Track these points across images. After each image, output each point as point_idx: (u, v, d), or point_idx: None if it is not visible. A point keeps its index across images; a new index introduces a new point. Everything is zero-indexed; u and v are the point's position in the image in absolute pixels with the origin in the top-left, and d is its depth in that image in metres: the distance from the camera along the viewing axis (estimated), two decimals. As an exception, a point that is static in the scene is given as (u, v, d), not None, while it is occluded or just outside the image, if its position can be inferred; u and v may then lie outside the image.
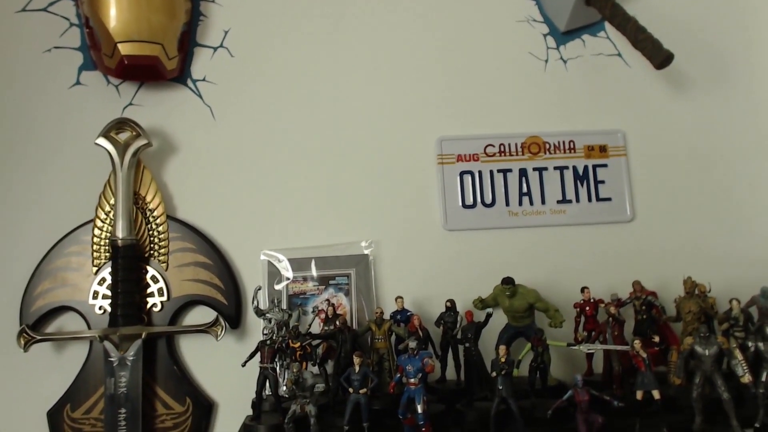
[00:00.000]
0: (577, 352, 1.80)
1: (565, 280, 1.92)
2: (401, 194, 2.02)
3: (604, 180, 2.01)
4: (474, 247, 2.00)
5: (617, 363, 1.63)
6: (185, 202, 1.99)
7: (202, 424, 1.83)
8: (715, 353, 1.44)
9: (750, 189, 2.07)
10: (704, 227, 2.03)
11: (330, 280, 1.94)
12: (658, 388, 1.42)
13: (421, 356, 1.43)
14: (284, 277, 1.93)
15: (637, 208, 2.02)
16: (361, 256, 1.95)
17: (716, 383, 1.43)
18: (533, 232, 2.00)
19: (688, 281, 1.70)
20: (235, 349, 1.87)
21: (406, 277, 1.97)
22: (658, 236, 2.01)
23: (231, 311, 1.88)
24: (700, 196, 2.05)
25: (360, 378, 1.43)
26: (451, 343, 1.77)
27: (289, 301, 1.91)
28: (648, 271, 1.89)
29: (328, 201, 2.01)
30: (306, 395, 1.41)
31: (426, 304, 1.93)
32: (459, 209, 2.00)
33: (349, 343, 1.63)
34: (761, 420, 1.45)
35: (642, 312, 1.75)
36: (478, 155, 2.02)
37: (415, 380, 1.41)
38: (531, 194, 2.00)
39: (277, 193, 2.01)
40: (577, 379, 1.43)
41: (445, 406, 1.64)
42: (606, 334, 1.66)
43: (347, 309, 1.91)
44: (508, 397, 1.43)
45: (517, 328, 1.80)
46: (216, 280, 1.90)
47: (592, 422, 1.40)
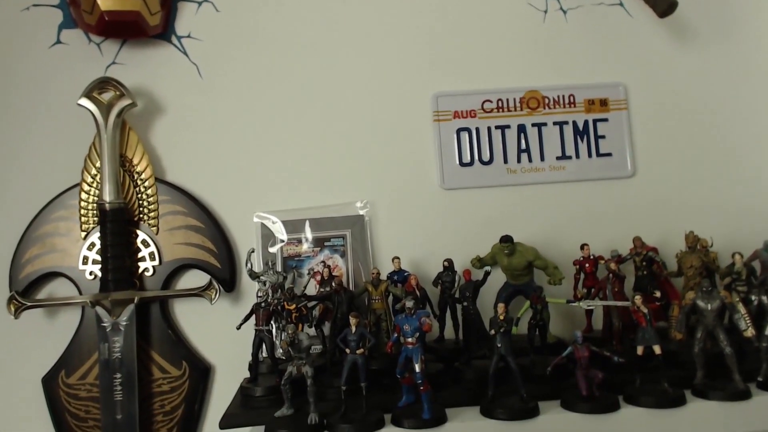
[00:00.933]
0: (577, 309, 1.79)
1: (564, 237, 1.89)
2: (397, 153, 1.96)
3: (604, 135, 1.95)
4: (472, 205, 1.95)
5: (617, 319, 1.61)
6: (174, 164, 1.94)
7: (199, 387, 1.82)
8: (717, 307, 1.42)
9: (754, 141, 2.03)
10: (707, 181, 1.99)
11: (325, 241, 1.90)
12: (659, 343, 1.40)
13: (419, 315, 1.40)
14: (278, 240, 1.89)
15: (638, 163, 1.97)
16: (357, 217, 1.91)
17: (718, 338, 1.41)
18: (532, 190, 1.96)
19: (690, 236, 1.67)
20: (230, 312, 1.84)
21: (403, 237, 1.93)
22: (659, 191, 1.97)
23: (225, 274, 1.84)
24: (702, 149, 2.00)
25: (356, 338, 1.41)
26: (449, 303, 1.75)
27: (284, 264, 1.88)
28: (649, 227, 1.86)
29: (322, 161, 1.95)
30: (302, 356, 1.39)
31: (423, 264, 1.90)
32: (456, 168, 1.95)
33: (346, 304, 1.60)
34: (764, 374, 1.44)
35: (642, 268, 1.72)
36: (475, 111, 1.96)
37: (413, 339, 1.38)
38: (530, 151, 1.95)
39: (270, 154, 1.95)
40: (577, 336, 1.41)
41: (444, 366, 1.63)
42: (606, 290, 1.64)
43: (343, 271, 1.88)
44: (507, 355, 1.41)
45: (515, 287, 1.78)
46: (208, 244, 1.86)
47: (592, 378, 1.38)
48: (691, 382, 1.43)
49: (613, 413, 1.36)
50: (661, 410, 1.36)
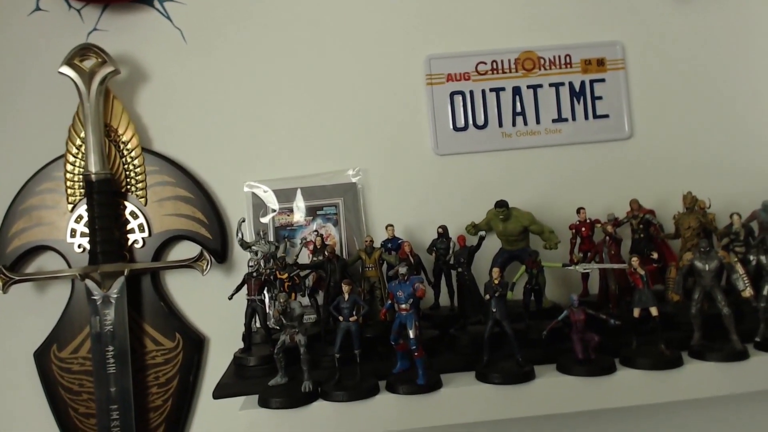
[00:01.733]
0: (573, 274, 1.77)
1: (561, 201, 1.86)
2: (389, 118, 1.92)
3: (601, 96, 1.90)
4: (466, 171, 1.91)
5: (613, 282, 1.59)
6: (161, 133, 1.89)
7: (193, 358, 1.81)
8: (715, 268, 1.40)
9: (753, 101, 1.98)
10: (705, 142, 1.95)
11: (317, 210, 1.86)
12: (656, 305, 1.38)
13: (412, 281, 1.38)
14: (270, 209, 1.86)
15: (636, 124, 1.93)
16: (349, 185, 1.87)
17: (716, 298, 1.39)
18: (528, 154, 1.92)
19: (688, 196, 1.64)
20: (222, 283, 1.82)
21: (397, 204, 1.90)
22: (657, 153, 1.93)
23: (216, 245, 1.82)
24: (700, 109, 1.96)
25: (349, 306, 1.39)
26: (444, 270, 1.73)
27: (276, 234, 1.85)
28: (647, 189, 1.83)
29: (313, 128, 1.91)
30: (294, 325, 1.37)
31: (418, 231, 1.87)
32: (450, 132, 1.91)
33: (339, 272, 1.57)
34: (762, 334, 1.43)
35: (639, 231, 1.70)
36: (469, 74, 1.91)
37: (406, 306, 1.36)
38: (525, 114, 1.90)
39: (259, 121, 1.90)
40: (573, 299, 1.39)
41: (439, 332, 1.61)
42: (602, 253, 1.61)
43: (336, 239, 1.85)
44: (502, 320, 1.39)
45: (511, 252, 1.75)
46: (199, 214, 1.83)
47: (588, 341, 1.37)
48: (688, 343, 1.42)
49: (609, 376, 1.35)
50: (658, 372, 1.34)
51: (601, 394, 1.35)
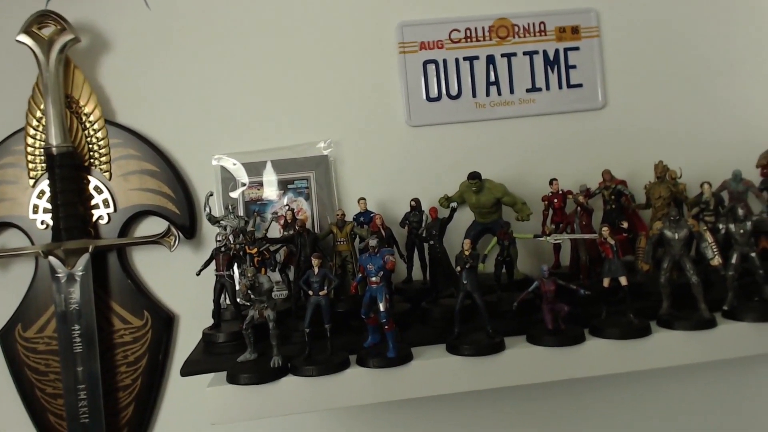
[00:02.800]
0: (545, 245, 1.77)
1: (534, 172, 1.85)
2: (360, 89, 1.87)
3: (575, 65, 1.88)
4: (440, 142, 1.89)
5: (584, 253, 1.59)
6: (124, 104, 1.82)
7: (162, 336, 1.78)
8: (684, 236, 1.40)
9: (726, 72, 1.97)
10: (678, 113, 1.94)
11: (288, 184, 1.83)
12: (626, 275, 1.38)
13: (382, 254, 1.36)
14: (239, 183, 1.82)
15: (609, 94, 1.91)
16: (321, 158, 1.83)
17: (685, 267, 1.40)
18: (501, 125, 1.89)
19: (659, 165, 1.63)
20: (192, 259, 1.78)
21: (369, 177, 1.87)
22: (630, 123, 1.91)
23: (184, 220, 1.77)
24: (674, 80, 1.94)
25: (319, 280, 1.36)
26: (416, 243, 1.71)
27: (246, 208, 1.81)
28: (619, 160, 1.83)
29: (283, 99, 1.85)
30: (263, 300, 1.34)
31: (391, 204, 1.85)
32: (423, 103, 1.87)
33: (309, 246, 1.54)
34: (730, 303, 1.44)
35: (611, 201, 1.70)
36: (442, 42, 1.86)
37: (377, 279, 1.34)
38: (499, 83, 1.87)
39: (227, 92, 1.84)
40: (543, 270, 1.38)
41: (411, 305, 1.61)
42: (574, 224, 1.61)
43: (308, 213, 1.82)
44: (473, 291, 1.38)
45: (484, 225, 1.75)
46: (165, 189, 1.78)
47: (558, 311, 1.37)
48: (657, 312, 1.43)
49: (578, 346, 1.35)
50: (626, 341, 1.35)
51: (570, 364, 1.35)
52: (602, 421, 1.91)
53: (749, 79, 1.97)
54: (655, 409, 1.92)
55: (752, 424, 1.96)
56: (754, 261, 1.42)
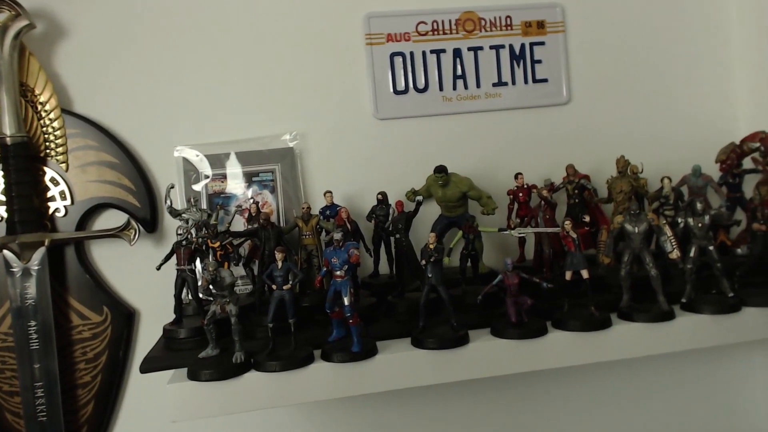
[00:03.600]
0: (511, 239, 1.79)
1: (500, 166, 1.86)
2: (327, 81, 1.85)
3: (541, 60, 1.89)
4: (407, 136, 1.88)
5: (548, 246, 1.61)
6: (82, 94, 1.76)
7: (123, 333, 1.73)
8: (644, 230, 1.42)
9: (686, 71, 2.01)
10: (640, 109, 1.97)
11: (253, 176, 1.80)
12: (587, 268, 1.40)
13: (347, 248, 1.35)
14: (202, 175, 1.78)
15: (574, 89, 1.93)
16: (286, 150, 1.81)
17: (644, 260, 1.42)
18: (468, 119, 1.90)
19: (621, 160, 1.66)
20: (153, 253, 1.73)
21: (336, 170, 1.85)
22: (594, 119, 1.94)
23: (145, 214, 1.73)
24: (637, 77, 1.97)
25: (283, 274, 1.35)
26: (383, 237, 1.70)
27: (210, 201, 1.77)
28: (583, 155, 1.85)
29: (247, 90, 1.82)
30: (225, 294, 1.32)
31: (357, 198, 1.84)
32: (390, 96, 1.86)
33: (273, 240, 1.52)
34: (688, 295, 1.47)
35: (575, 196, 1.72)
36: (409, 34, 1.85)
37: (341, 272, 1.34)
38: (466, 77, 1.87)
39: (190, 82, 1.80)
40: (507, 263, 1.39)
41: (377, 299, 1.60)
42: (538, 218, 1.62)
43: (273, 207, 1.79)
44: (438, 285, 1.39)
45: (450, 219, 1.75)
46: (125, 181, 1.73)
47: (521, 304, 1.38)
48: (617, 305, 1.46)
49: (540, 338, 1.37)
50: (587, 333, 1.37)
51: (532, 356, 1.37)
52: (565, 411, 1.95)
53: (708, 79, 2.01)
54: (617, 399, 1.96)
55: (710, 413, 2.02)
56: (712, 254, 1.46)
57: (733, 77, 2.01)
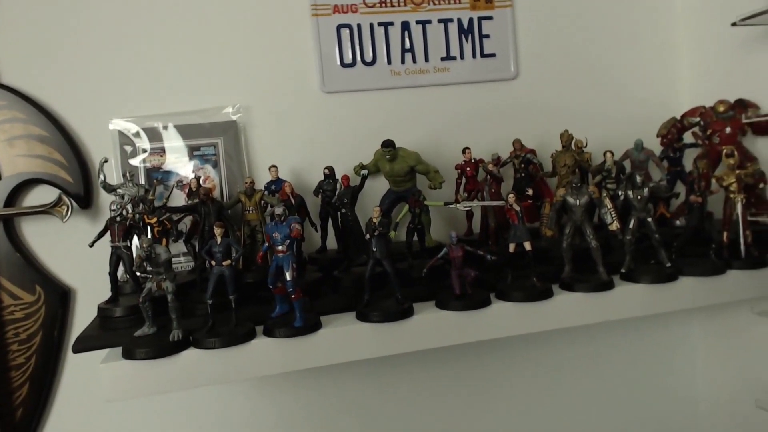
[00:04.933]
0: (460, 213, 1.79)
1: (448, 141, 1.85)
2: (271, 52, 1.80)
3: (489, 34, 1.88)
4: (354, 110, 1.85)
5: (493, 220, 1.62)
6: (9, 63, 1.66)
7: (57, 312, 1.67)
8: (585, 203, 1.44)
9: (630, 47, 2.04)
10: (586, 85, 2.00)
11: (194, 150, 1.74)
12: (530, 240, 1.41)
13: (289, 222, 1.32)
14: (140, 149, 1.71)
15: (521, 65, 1.93)
16: (229, 123, 1.75)
17: (585, 232, 1.44)
18: (416, 93, 1.88)
19: (565, 134, 1.67)
20: (87, 230, 1.67)
21: (282, 144, 1.81)
22: (540, 94, 1.95)
23: (78, 189, 1.65)
24: (582, 53, 1.99)
25: (222, 250, 1.31)
26: (330, 212, 1.68)
27: (148, 176, 1.71)
28: (530, 129, 1.87)
29: (187, 60, 1.75)
30: (160, 271, 1.27)
31: (304, 172, 1.80)
32: (337, 68, 1.82)
33: (213, 215, 1.48)
34: (627, 265, 1.50)
35: (521, 170, 1.73)
36: (356, 6, 1.81)
37: (283, 247, 1.30)
38: (414, 51, 1.85)
39: (126, 51, 1.72)
40: (452, 236, 1.39)
41: (324, 274, 1.58)
42: (484, 192, 1.63)
43: (216, 182, 1.74)
44: (383, 259, 1.37)
45: (398, 193, 1.74)
46: (57, 155, 1.65)
47: (465, 277, 1.38)
48: (559, 276, 1.48)
49: (483, 309, 1.37)
50: (529, 303, 1.39)
51: (476, 327, 1.37)
52: (509, 381, 1.98)
53: (652, 55, 2.05)
54: (559, 367, 2.01)
55: (651, 379, 2.09)
56: (650, 226, 1.48)
57: (675, 54, 2.05)
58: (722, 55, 1.86)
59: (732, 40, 1.80)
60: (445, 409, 1.94)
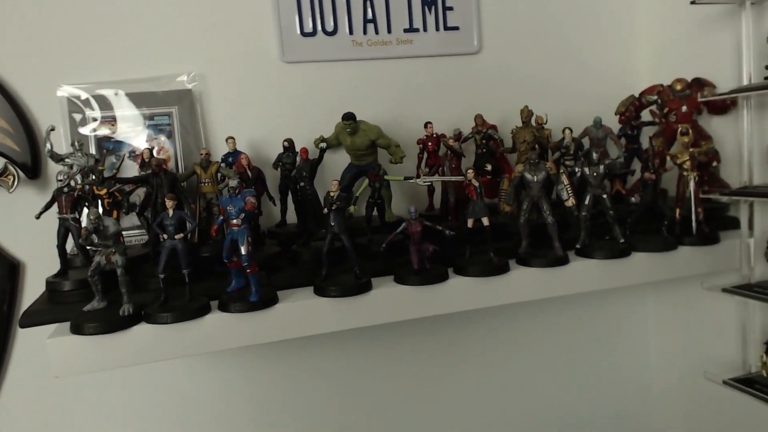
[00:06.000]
0: (421, 188, 1.78)
1: (411, 114, 1.83)
2: (229, 19, 1.73)
3: (452, 6, 1.85)
4: (315, 81, 1.81)
5: (453, 195, 1.62)
6: (-56, 23, 1.57)
7: (6, 286, 1.61)
8: (542, 179, 1.45)
9: (593, 25, 2.03)
10: (548, 61, 1.99)
11: (148, 120, 1.68)
12: (488, 215, 1.42)
13: (243, 195, 1.29)
14: (90, 118, 1.64)
15: (485, 39, 1.92)
16: (184, 92, 1.69)
17: (542, 208, 1.46)
18: (379, 65, 1.84)
19: (525, 110, 1.67)
20: (36, 201, 1.59)
21: (240, 115, 1.76)
22: (503, 69, 1.94)
23: (25, 158, 1.58)
24: (546, 29, 1.98)
25: (174, 222, 1.28)
26: (290, 186, 1.65)
27: (99, 146, 1.64)
28: (493, 104, 1.86)
29: (140, 24, 1.67)
30: (109, 244, 1.24)
31: (264, 144, 1.76)
32: (297, 38, 1.77)
33: (166, 187, 1.43)
34: (582, 241, 1.53)
35: (482, 146, 1.72)
36: (317, -27, 1.76)
37: (238, 221, 1.28)
38: (376, 21, 1.81)
39: (76, 12, 1.63)
40: (411, 211, 1.38)
41: (282, 248, 1.56)
42: (444, 167, 1.62)
43: (171, 153, 1.69)
44: (341, 233, 1.36)
45: (359, 167, 1.72)
46: (1, 122, 1.57)
47: (424, 252, 1.38)
48: (516, 251, 1.49)
49: (441, 284, 1.38)
50: (486, 278, 1.40)
51: (433, 301, 1.39)
52: (466, 355, 2.01)
53: (614, 33, 2.05)
54: (517, 340, 2.05)
55: (606, 352, 2.15)
56: (605, 202, 1.51)
57: (636, 31, 2.06)
58: (681, 34, 1.88)
59: (691, 19, 1.82)
60: (402, 384, 1.96)
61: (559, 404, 2.12)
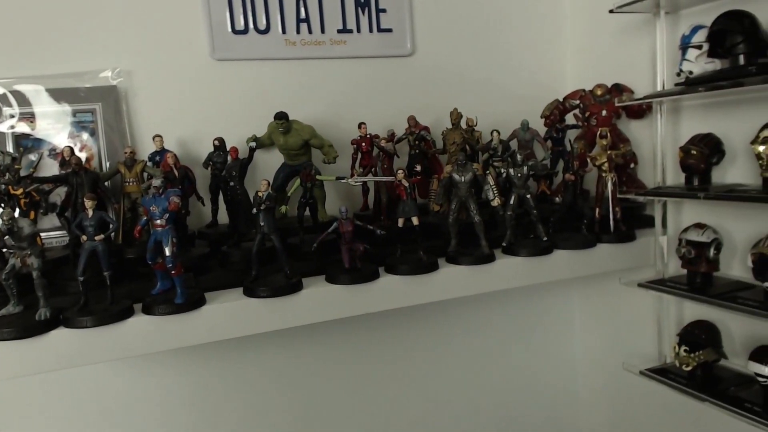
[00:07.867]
0: (356, 188, 1.79)
1: (344, 115, 1.84)
2: (157, 13, 1.68)
3: (385, 8, 1.87)
4: (247, 79, 1.79)
5: (385, 195, 1.64)
6: None
7: None
8: (470, 179, 1.49)
9: (523, 29, 2.10)
10: (480, 64, 2.04)
11: (69, 116, 1.61)
12: (417, 215, 1.45)
13: (168, 195, 1.26)
14: (7, 114, 1.56)
15: (418, 41, 1.95)
16: (109, 89, 1.64)
17: (469, 207, 1.50)
18: (312, 65, 1.84)
19: (454, 113, 1.71)
20: (-54, 202, 1.51)
21: (169, 113, 1.72)
22: (436, 71, 1.98)
23: (-68, 156, 1.49)
24: (478, 32, 2.04)
25: (94, 224, 1.24)
26: (221, 185, 1.62)
27: (17, 143, 1.57)
28: (426, 106, 1.89)
29: (65, 18, 1.61)
30: (24, 246, 1.18)
31: (194, 143, 1.73)
32: (228, 35, 1.75)
33: (87, 186, 1.38)
34: (508, 239, 1.58)
35: (415, 147, 1.75)
36: (249, -30, 1.74)
37: (162, 221, 1.26)
38: (310, 20, 1.81)
39: (-11, 5, 1.55)
40: (342, 211, 1.40)
41: (212, 249, 1.54)
42: (376, 167, 1.64)
43: (94, 151, 1.63)
44: (270, 233, 1.36)
45: (293, 167, 1.71)
46: None
47: (355, 251, 1.40)
48: (446, 249, 1.53)
49: (371, 283, 1.40)
50: (416, 276, 1.43)
51: (363, 300, 1.40)
52: (396, 352, 2.03)
53: (542, 38, 2.13)
54: (446, 337, 2.09)
55: (533, 347, 2.23)
56: (529, 202, 1.57)
57: (562, 37, 2.14)
58: (603, 41, 1.97)
59: (611, 27, 1.91)
60: (332, 385, 1.97)
61: (488, 399, 2.18)
